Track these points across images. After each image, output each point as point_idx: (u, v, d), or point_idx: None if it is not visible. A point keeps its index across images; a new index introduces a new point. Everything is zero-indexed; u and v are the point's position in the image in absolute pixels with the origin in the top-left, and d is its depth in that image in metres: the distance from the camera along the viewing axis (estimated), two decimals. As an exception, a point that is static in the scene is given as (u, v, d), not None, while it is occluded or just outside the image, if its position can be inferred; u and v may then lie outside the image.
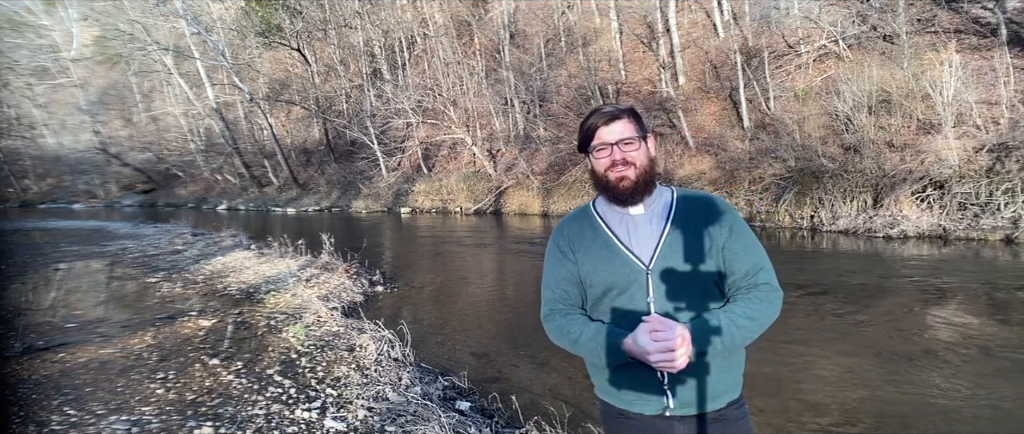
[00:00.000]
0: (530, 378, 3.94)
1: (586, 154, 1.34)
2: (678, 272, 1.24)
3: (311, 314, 5.28)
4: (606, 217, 1.34)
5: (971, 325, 4.69)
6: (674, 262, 1.24)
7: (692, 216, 1.28)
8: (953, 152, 9.17)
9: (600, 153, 1.28)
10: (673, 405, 1.22)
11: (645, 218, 1.30)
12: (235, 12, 30.11)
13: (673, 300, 1.23)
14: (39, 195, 34.04)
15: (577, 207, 1.44)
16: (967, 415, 3.16)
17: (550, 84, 19.43)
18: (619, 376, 1.26)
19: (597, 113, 1.29)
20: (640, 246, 1.27)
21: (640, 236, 1.28)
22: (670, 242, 1.26)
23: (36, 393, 3.43)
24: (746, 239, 1.29)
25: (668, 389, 1.22)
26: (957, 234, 8.48)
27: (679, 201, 1.31)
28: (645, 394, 1.24)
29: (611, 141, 1.26)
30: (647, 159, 1.28)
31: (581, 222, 1.37)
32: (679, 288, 1.24)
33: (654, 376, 1.22)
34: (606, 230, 1.31)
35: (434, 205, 19.20)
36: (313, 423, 3.02)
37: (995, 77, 9.82)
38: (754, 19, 15.72)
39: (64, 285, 7.36)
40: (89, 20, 34.77)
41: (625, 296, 1.25)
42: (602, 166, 1.29)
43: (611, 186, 1.28)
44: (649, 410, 1.24)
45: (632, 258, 1.26)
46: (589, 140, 1.30)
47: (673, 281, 1.24)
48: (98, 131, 33.91)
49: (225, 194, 27.58)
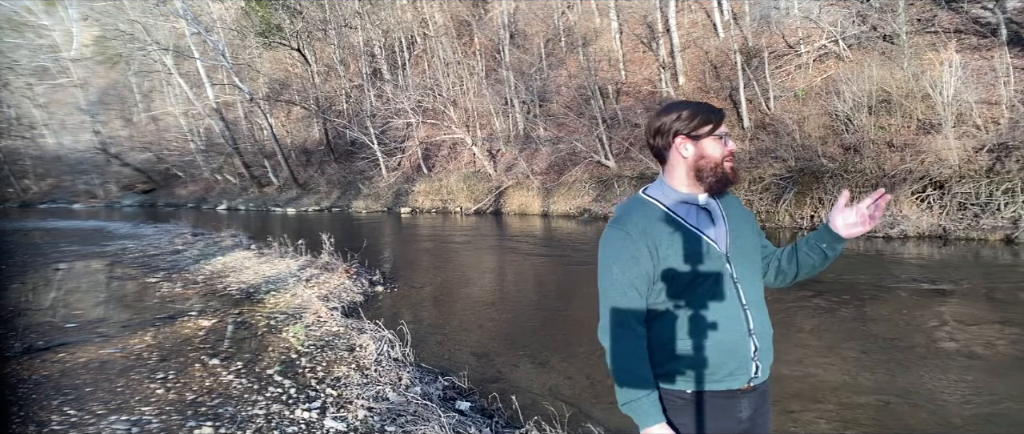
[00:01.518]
0: (530, 378, 3.94)
1: (688, 139, 1.36)
2: (747, 254, 1.38)
3: (311, 314, 5.28)
4: (673, 207, 1.37)
5: (971, 325, 4.68)
6: (742, 245, 1.38)
7: (731, 207, 1.42)
8: (953, 152, 9.17)
9: (719, 141, 1.36)
10: (759, 374, 1.33)
11: (710, 207, 1.39)
12: (235, 12, 30.09)
13: (747, 279, 1.36)
14: (39, 195, 34.03)
15: (629, 199, 1.45)
16: (967, 415, 3.16)
17: (550, 84, 19.43)
18: (702, 354, 1.29)
19: (711, 106, 1.38)
20: (715, 233, 1.36)
21: (713, 224, 1.37)
22: (733, 226, 1.39)
23: (36, 393, 3.43)
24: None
25: (757, 359, 1.32)
26: (957, 234, 8.48)
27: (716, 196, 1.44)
28: (735, 368, 1.31)
29: (725, 133, 1.37)
30: None
31: (647, 213, 1.36)
32: (749, 268, 1.38)
33: (749, 348, 1.31)
34: (679, 219, 1.35)
35: (434, 205, 19.20)
36: (313, 423, 3.02)
37: (995, 77, 9.81)
38: (754, 19, 15.72)
39: (64, 285, 7.36)
40: (89, 20, 34.74)
41: (710, 281, 1.32)
42: (721, 153, 1.36)
43: (724, 173, 1.36)
44: (736, 383, 1.32)
45: (713, 245, 1.34)
46: (714, 126, 1.36)
47: (745, 262, 1.37)
48: (98, 131, 33.90)
49: (225, 194, 27.57)
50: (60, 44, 36.72)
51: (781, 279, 1.50)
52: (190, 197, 28.95)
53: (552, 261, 8.88)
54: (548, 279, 7.75)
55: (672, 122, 1.37)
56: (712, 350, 1.29)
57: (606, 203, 14.36)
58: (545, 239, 11.55)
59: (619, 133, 15.88)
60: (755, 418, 1.36)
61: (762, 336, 1.33)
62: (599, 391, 3.65)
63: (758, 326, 1.33)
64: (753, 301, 1.34)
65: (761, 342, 1.33)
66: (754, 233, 1.44)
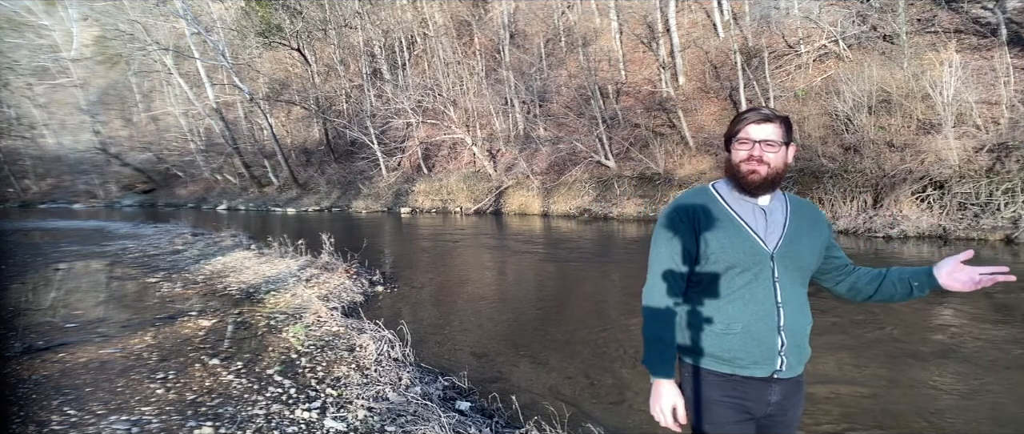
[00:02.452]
0: (530, 378, 3.94)
1: (728, 144, 1.49)
2: (794, 259, 1.45)
3: (311, 314, 5.28)
4: (730, 201, 1.49)
5: (971, 325, 4.69)
6: (793, 250, 1.45)
7: (803, 216, 1.51)
8: (953, 152, 9.17)
9: (741, 146, 1.45)
10: (784, 368, 1.44)
11: (770, 209, 1.48)
12: (235, 12, 30.09)
13: (789, 282, 1.45)
14: (39, 195, 34.02)
15: (693, 188, 1.59)
16: (967, 415, 3.16)
17: (550, 84, 19.43)
18: (732, 341, 1.43)
19: (754, 111, 1.45)
20: (767, 232, 1.45)
21: (768, 224, 1.46)
22: (791, 233, 1.47)
23: (36, 393, 3.43)
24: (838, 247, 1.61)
25: (784, 355, 1.43)
26: (957, 234, 8.48)
27: (791, 202, 1.54)
28: (760, 358, 1.43)
29: (755, 138, 1.43)
30: (782, 163, 1.45)
31: (703, 200, 1.51)
32: (793, 273, 1.46)
33: (775, 343, 1.42)
34: (732, 212, 1.47)
35: (434, 205, 19.20)
36: (313, 423, 3.02)
37: (995, 77, 9.81)
38: (754, 19, 15.72)
39: (64, 285, 7.36)
40: (89, 20, 34.74)
41: (749, 274, 1.43)
42: (739, 157, 1.45)
43: (741, 175, 1.45)
44: (760, 372, 1.44)
45: (759, 241, 1.44)
46: (736, 132, 1.46)
47: (790, 266, 1.45)
48: (98, 131, 33.90)
49: (225, 194, 27.57)
50: (60, 44, 36.73)
51: (853, 294, 1.60)
52: (190, 197, 28.95)
53: (552, 261, 8.88)
54: (548, 279, 7.75)
55: (728, 127, 1.51)
56: (740, 337, 1.42)
57: (606, 203, 14.37)
58: (545, 239, 11.55)
59: (619, 133, 15.88)
60: (784, 404, 1.47)
61: (792, 334, 1.44)
62: (599, 391, 3.65)
63: (790, 324, 1.43)
64: (790, 301, 1.44)
65: (790, 339, 1.43)
66: (817, 243, 1.50)
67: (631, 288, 6.64)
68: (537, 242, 11.16)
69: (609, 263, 8.55)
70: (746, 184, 1.45)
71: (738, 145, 1.45)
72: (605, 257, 9.12)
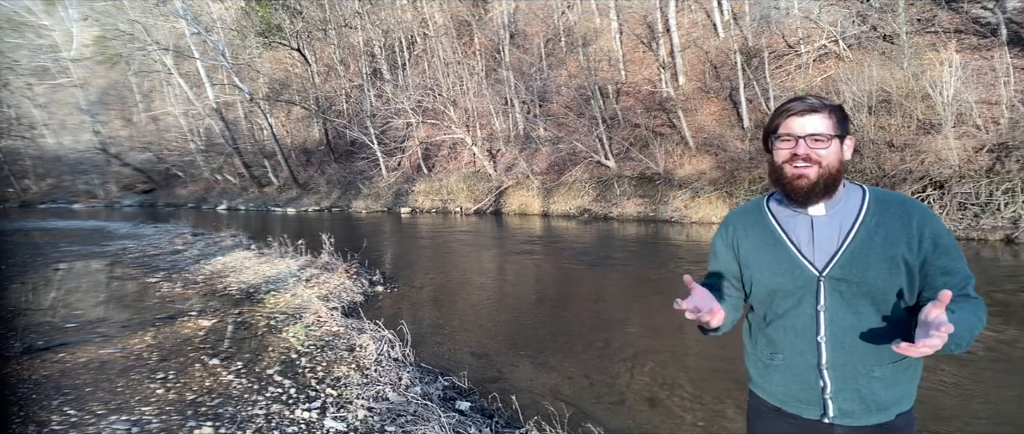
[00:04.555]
0: (530, 378, 3.94)
1: (768, 143, 1.23)
2: (855, 282, 1.16)
3: (311, 314, 5.28)
4: (779, 216, 1.26)
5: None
6: (854, 270, 1.16)
7: (884, 222, 1.18)
8: (953, 152, 9.17)
9: (784, 144, 1.18)
10: (833, 413, 1.20)
11: (826, 220, 1.20)
12: (235, 12, 30.09)
13: (846, 311, 1.17)
14: (39, 195, 34.01)
15: (750, 200, 1.38)
16: (967, 415, 3.15)
17: (550, 84, 19.43)
18: (777, 376, 1.25)
19: (797, 100, 1.19)
20: (816, 250, 1.19)
21: (818, 239, 1.20)
22: (853, 249, 1.17)
23: (36, 393, 3.43)
24: (953, 252, 1.17)
25: (829, 397, 1.19)
26: (957, 234, 8.48)
27: (871, 203, 1.20)
28: (803, 398, 1.22)
29: (799, 134, 1.16)
30: (837, 161, 1.17)
31: (750, 217, 1.31)
32: (854, 298, 1.16)
33: (816, 383, 1.20)
34: (777, 229, 1.25)
35: (434, 205, 19.20)
36: (313, 423, 3.02)
37: (995, 77, 9.81)
38: (754, 19, 15.72)
39: (64, 285, 7.36)
40: (89, 20, 34.75)
41: (791, 301, 1.21)
42: (781, 158, 1.19)
43: (785, 181, 1.19)
44: (808, 414, 1.23)
45: (804, 262, 1.20)
46: (775, 128, 1.20)
47: (848, 291, 1.16)
48: (98, 131, 33.89)
49: (225, 194, 27.57)
50: (60, 44, 36.73)
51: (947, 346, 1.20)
52: (190, 197, 28.94)
53: (552, 261, 8.88)
54: (548, 279, 7.75)
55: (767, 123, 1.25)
56: (782, 371, 1.24)
57: (606, 203, 14.37)
58: (545, 239, 11.55)
59: (619, 133, 15.88)
60: None
61: (843, 376, 1.17)
62: (599, 391, 3.65)
63: (837, 362, 1.17)
64: (842, 334, 1.17)
65: (838, 382, 1.17)
66: (891, 261, 1.15)
67: (631, 288, 6.65)
68: (537, 242, 11.16)
69: (609, 263, 8.55)
70: (793, 191, 1.18)
71: (779, 143, 1.19)
72: (605, 257, 9.11)
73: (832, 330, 1.18)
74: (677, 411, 3.29)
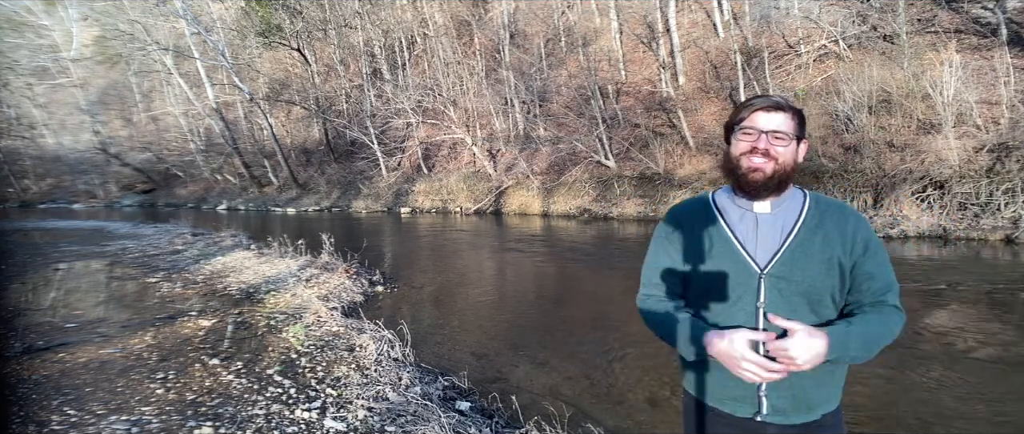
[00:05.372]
0: (530, 378, 3.94)
1: (729, 134, 1.26)
2: (795, 280, 1.18)
3: (311, 314, 5.28)
4: (725, 211, 1.27)
5: (971, 325, 4.68)
6: (793, 269, 1.19)
7: (823, 224, 1.21)
8: (953, 152, 9.17)
9: (746, 136, 1.21)
10: (766, 411, 1.22)
11: (770, 218, 1.23)
12: (235, 12, 30.09)
13: (783, 309, 1.18)
14: (39, 195, 34.02)
15: (690, 197, 1.39)
16: (967, 415, 3.15)
17: (550, 84, 19.43)
18: (713, 374, 1.25)
19: (763, 97, 1.22)
20: (759, 247, 1.22)
21: (761, 237, 1.22)
22: (793, 248, 1.20)
23: (36, 393, 3.42)
24: (880, 258, 1.22)
25: (763, 395, 1.21)
26: (957, 234, 8.48)
27: (811, 206, 1.24)
28: (738, 395, 1.23)
29: (763, 129, 1.19)
30: (792, 160, 1.21)
31: (693, 212, 1.32)
32: (792, 297, 1.19)
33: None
34: (722, 225, 1.26)
35: (434, 205, 19.20)
36: (313, 423, 3.02)
37: (995, 77, 9.81)
38: (754, 19, 15.72)
39: (64, 285, 7.36)
40: (89, 20, 34.75)
41: (732, 297, 1.22)
42: (741, 149, 1.21)
43: (741, 172, 1.21)
44: (741, 412, 1.24)
45: (747, 259, 1.21)
46: (741, 120, 1.23)
47: (788, 289, 1.19)
48: (98, 131, 33.90)
49: (225, 194, 27.57)
50: (60, 44, 36.74)
51: None
52: (190, 197, 28.95)
53: (552, 261, 8.88)
54: (548, 279, 7.75)
55: (730, 115, 1.28)
56: (716, 368, 1.23)
57: (606, 203, 14.36)
58: (545, 239, 11.55)
59: (619, 133, 15.88)
60: None
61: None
62: (599, 391, 3.65)
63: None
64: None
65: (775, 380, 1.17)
66: (828, 263, 1.19)
67: (631, 288, 6.64)
68: (537, 242, 11.15)
69: (609, 263, 8.55)
70: (746, 184, 1.21)
71: (741, 135, 1.21)
72: (605, 257, 9.11)
73: (769, 327, 1.19)
74: (677, 411, 3.29)
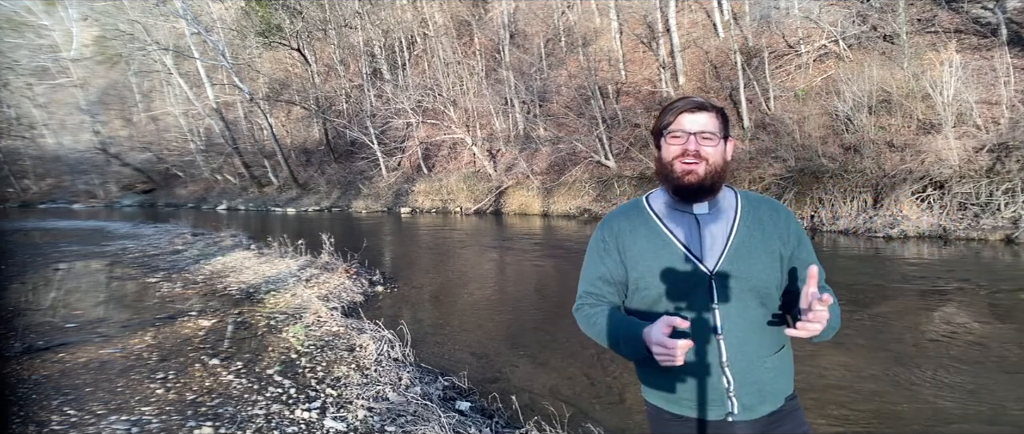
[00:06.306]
0: (530, 378, 3.94)
1: (658, 139, 1.26)
2: (743, 277, 1.19)
3: (311, 314, 5.28)
4: (663, 215, 1.27)
5: (971, 325, 4.68)
6: (740, 266, 1.19)
7: (760, 219, 1.25)
8: (953, 152, 9.17)
9: (674, 140, 1.21)
10: (737, 410, 1.21)
11: (709, 218, 1.23)
12: (235, 12, 30.08)
13: (734, 305, 1.19)
14: (39, 195, 34.02)
15: (627, 201, 1.38)
16: (967, 415, 3.15)
17: (550, 84, 19.43)
18: (679, 380, 1.23)
19: (685, 100, 1.23)
20: (704, 248, 1.21)
21: (704, 237, 1.22)
22: (737, 245, 1.21)
23: (36, 393, 3.43)
24: (810, 246, 1.28)
25: (733, 396, 1.20)
26: (957, 234, 8.48)
27: (744, 203, 1.27)
28: (708, 399, 1.21)
29: (690, 130, 1.19)
30: (722, 160, 1.22)
31: (632, 219, 1.29)
32: (742, 293, 1.19)
33: (720, 382, 1.20)
34: (663, 229, 1.25)
35: (434, 205, 19.20)
36: (313, 423, 3.02)
37: (995, 77, 9.81)
38: (754, 19, 15.71)
39: (64, 285, 7.36)
40: (89, 20, 34.74)
41: (686, 300, 1.20)
42: (672, 154, 1.21)
43: (675, 177, 1.20)
44: (711, 415, 1.22)
45: (695, 261, 1.20)
46: (667, 124, 1.22)
47: (737, 286, 1.19)
48: (98, 131, 33.90)
49: (225, 194, 27.57)
50: (60, 44, 36.73)
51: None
52: (190, 197, 28.94)
53: (552, 261, 8.88)
54: (548, 279, 7.75)
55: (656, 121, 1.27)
56: (676, 374, 1.21)
57: (606, 203, 14.36)
58: (545, 239, 11.55)
59: (619, 133, 15.88)
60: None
61: (743, 370, 1.19)
62: (599, 391, 3.65)
63: (737, 359, 1.19)
64: (737, 330, 1.19)
65: (739, 377, 1.19)
66: (771, 256, 1.22)
67: (631, 288, 6.64)
68: (537, 242, 11.16)
69: (609, 263, 8.53)
70: (681, 187, 1.20)
71: (670, 139, 1.21)
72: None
73: (727, 326, 1.19)
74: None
